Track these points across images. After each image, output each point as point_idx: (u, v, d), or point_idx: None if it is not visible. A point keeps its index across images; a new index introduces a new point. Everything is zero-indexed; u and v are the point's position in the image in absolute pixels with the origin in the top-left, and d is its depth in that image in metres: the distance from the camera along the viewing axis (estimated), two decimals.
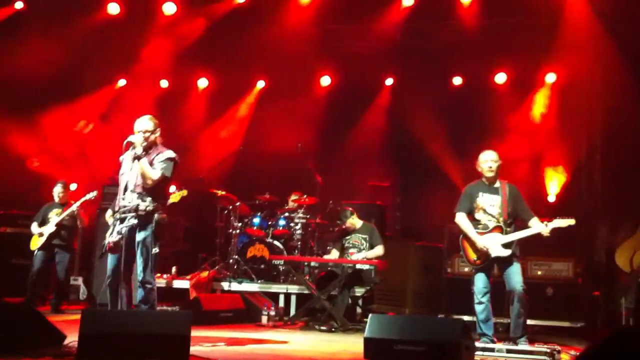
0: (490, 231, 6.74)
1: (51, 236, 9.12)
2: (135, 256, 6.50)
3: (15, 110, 10.98)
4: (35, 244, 9.16)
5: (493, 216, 6.77)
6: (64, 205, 9.32)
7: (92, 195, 9.11)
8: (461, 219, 6.92)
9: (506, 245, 6.66)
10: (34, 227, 9.28)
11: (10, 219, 10.36)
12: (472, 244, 6.79)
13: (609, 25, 9.75)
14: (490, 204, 6.81)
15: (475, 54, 10.92)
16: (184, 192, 8.12)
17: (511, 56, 10.82)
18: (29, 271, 9.21)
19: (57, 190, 9.41)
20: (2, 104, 10.79)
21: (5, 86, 10.67)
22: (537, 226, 6.65)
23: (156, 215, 6.33)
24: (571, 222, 6.49)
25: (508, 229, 6.73)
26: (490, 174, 6.83)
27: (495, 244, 6.68)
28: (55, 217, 9.19)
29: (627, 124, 9.44)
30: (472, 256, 6.81)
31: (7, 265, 10.04)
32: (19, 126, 11.06)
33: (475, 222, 6.86)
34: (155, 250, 6.33)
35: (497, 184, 6.88)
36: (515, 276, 6.67)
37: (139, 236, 6.27)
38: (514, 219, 6.80)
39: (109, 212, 7.43)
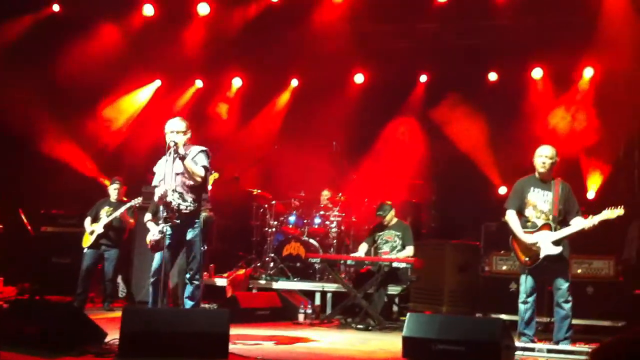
0: (539, 229, 6.55)
1: (100, 236, 9.22)
2: (176, 256, 6.60)
3: (56, 113, 11.15)
4: (86, 242, 9.26)
5: (543, 212, 6.58)
6: (116, 203, 9.42)
7: (137, 201, 9.15)
8: (511, 217, 6.73)
9: (556, 243, 6.48)
10: (87, 223, 9.36)
11: (50, 218, 10.50)
12: (522, 244, 6.62)
13: None
14: (542, 200, 6.62)
15: (511, 50, 10.79)
16: (216, 175, 8.17)
17: (547, 52, 10.65)
18: (69, 270, 9.32)
19: (113, 188, 9.52)
20: (43, 108, 10.96)
21: (44, 90, 10.82)
22: (583, 221, 6.45)
23: (204, 214, 6.42)
24: (620, 212, 6.28)
25: (557, 227, 6.52)
26: (543, 170, 6.63)
27: (544, 242, 6.50)
28: (105, 216, 9.28)
29: None
30: (523, 257, 6.61)
31: (48, 264, 10.16)
32: (59, 129, 11.25)
33: (524, 219, 6.69)
34: (204, 248, 6.42)
35: (550, 181, 6.69)
36: (562, 278, 6.53)
37: (188, 235, 6.37)
38: (564, 217, 6.59)
39: (148, 215, 7.47)
